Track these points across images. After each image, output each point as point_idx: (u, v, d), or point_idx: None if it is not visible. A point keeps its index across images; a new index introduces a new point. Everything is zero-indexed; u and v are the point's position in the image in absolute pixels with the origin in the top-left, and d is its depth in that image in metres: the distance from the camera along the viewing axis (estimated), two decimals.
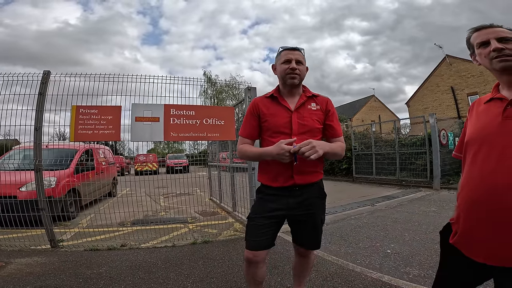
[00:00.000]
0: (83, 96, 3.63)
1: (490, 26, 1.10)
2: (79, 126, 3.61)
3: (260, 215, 1.61)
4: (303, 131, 1.57)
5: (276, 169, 1.57)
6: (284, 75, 1.60)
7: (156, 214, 5.31)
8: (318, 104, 1.65)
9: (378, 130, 11.50)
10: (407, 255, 2.88)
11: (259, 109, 1.65)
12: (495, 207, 0.95)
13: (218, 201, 6.02)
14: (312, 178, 1.61)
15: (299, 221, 1.65)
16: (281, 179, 1.57)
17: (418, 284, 2.18)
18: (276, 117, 1.61)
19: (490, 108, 1.08)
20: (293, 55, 1.60)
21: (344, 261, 2.70)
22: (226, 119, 4.12)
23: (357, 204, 5.76)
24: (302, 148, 1.38)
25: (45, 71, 3.45)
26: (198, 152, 13.23)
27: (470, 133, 1.12)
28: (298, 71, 1.59)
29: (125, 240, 3.54)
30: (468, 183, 1.08)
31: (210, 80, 21.30)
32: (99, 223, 3.91)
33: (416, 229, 3.82)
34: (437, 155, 7.58)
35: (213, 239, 3.57)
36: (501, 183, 0.94)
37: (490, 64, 1.07)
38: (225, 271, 2.54)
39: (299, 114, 1.60)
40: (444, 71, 18.72)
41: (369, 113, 27.63)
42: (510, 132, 0.97)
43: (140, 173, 11.76)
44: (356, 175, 10.04)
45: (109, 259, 2.91)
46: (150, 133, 3.82)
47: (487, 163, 1.00)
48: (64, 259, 2.90)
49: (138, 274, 2.49)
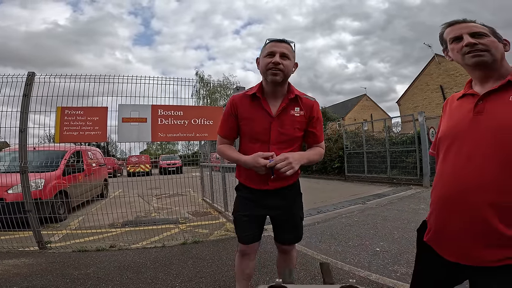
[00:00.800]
0: (71, 98, 3.61)
1: (463, 21, 1.08)
2: (64, 127, 3.57)
3: (242, 213, 1.61)
4: (282, 140, 1.47)
5: (250, 174, 1.54)
6: (266, 70, 1.41)
7: (147, 215, 5.27)
8: (302, 109, 1.50)
9: (370, 129, 11.61)
10: (395, 253, 2.92)
11: (237, 110, 1.53)
12: (465, 206, 0.94)
13: (211, 201, 6.00)
14: (288, 181, 1.56)
15: (279, 220, 1.65)
16: (257, 182, 1.54)
17: (405, 282, 2.21)
18: (254, 123, 1.49)
19: (463, 104, 1.08)
20: (278, 47, 1.40)
21: (333, 260, 2.73)
22: (214, 119, 4.11)
23: (348, 202, 5.81)
24: (278, 164, 1.31)
25: (29, 73, 3.39)
26: (191, 153, 13.17)
27: (443, 130, 1.11)
28: (282, 66, 1.38)
29: (114, 241, 3.50)
30: (440, 179, 1.07)
31: (203, 80, 21.20)
32: (89, 224, 3.87)
33: (405, 227, 3.87)
34: (426, 153, 7.69)
35: (204, 239, 3.56)
36: (471, 182, 0.93)
37: (462, 59, 1.06)
38: (214, 270, 2.54)
39: (280, 121, 1.47)
40: (434, 70, 19.08)
41: (361, 112, 27.90)
42: (480, 128, 0.95)
43: (133, 174, 11.64)
44: (348, 174, 10.13)
45: (97, 260, 2.88)
46: (137, 134, 3.79)
47: (458, 160, 0.99)
48: (51, 260, 2.88)
49: (126, 274, 2.47)
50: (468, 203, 0.93)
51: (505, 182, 0.87)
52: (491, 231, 0.89)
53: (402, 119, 14.30)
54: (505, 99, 0.93)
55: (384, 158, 9.06)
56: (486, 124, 0.94)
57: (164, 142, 19.78)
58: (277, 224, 1.68)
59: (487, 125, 0.94)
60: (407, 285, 2.12)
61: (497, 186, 0.88)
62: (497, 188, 0.88)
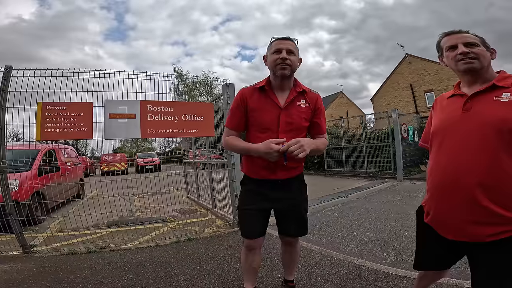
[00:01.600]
0: (48, 93, 3.40)
1: (459, 32, 1.24)
2: (46, 124, 3.37)
3: (248, 206, 1.68)
4: (289, 129, 1.56)
5: (261, 163, 1.58)
6: (274, 65, 1.53)
7: (132, 215, 5.13)
8: (308, 101, 1.62)
9: (346, 125, 12.07)
10: (382, 242, 3.13)
11: (247, 102, 1.60)
12: (458, 188, 1.11)
13: (196, 199, 5.96)
14: (294, 172, 1.66)
15: (284, 212, 1.71)
16: (265, 173, 1.60)
17: (396, 268, 2.38)
18: (263, 113, 1.57)
19: (452, 103, 1.25)
20: (284, 44, 1.53)
21: (327, 250, 2.87)
22: (205, 115, 4.09)
23: (331, 196, 6.05)
24: (291, 147, 1.38)
25: (6, 66, 3.16)
26: (169, 150, 12.86)
27: (436, 125, 1.28)
28: (289, 61, 1.51)
29: (103, 242, 3.39)
30: (436, 167, 1.23)
31: (181, 76, 20.67)
32: (71, 226, 3.70)
33: (386, 217, 4.14)
34: (399, 148, 8.19)
35: (197, 236, 3.56)
36: (463, 167, 1.11)
37: (455, 65, 1.22)
38: (215, 266, 2.57)
39: (288, 111, 1.57)
40: (405, 69, 20.15)
41: (338, 108, 28.80)
42: (468, 122, 1.13)
43: (107, 173, 11.15)
44: (328, 169, 10.50)
45: (90, 262, 2.79)
46: (126, 130, 3.68)
47: (451, 150, 1.16)
48: (41, 265, 2.74)
49: (126, 276, 2.42)
50: (461, 185, 1.11)
51: (490, 165, 1.05)
52: (481, 208, 1.07)
53: (376, 115, 15.00)
54: (489, 99, 1.11)
55: (361, 153, 9.50)
56: (474, 119, 1.12)
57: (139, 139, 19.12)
58: (282, 216, 1.74)
59: (475, 120, 1.12)
60: (400, 270, 2.32)
61: (484, 168, 1.06)
62: (484, 171, 1.06)
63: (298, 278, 2.24)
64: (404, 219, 3.92)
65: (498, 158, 1.04)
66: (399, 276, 2.20)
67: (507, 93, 1.08)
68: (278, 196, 1.64)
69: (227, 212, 4.26)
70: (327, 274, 2.31)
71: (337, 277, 2.26)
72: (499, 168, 1.04)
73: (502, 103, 1.07)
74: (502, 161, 1.04)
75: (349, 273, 2.30)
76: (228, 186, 4.12)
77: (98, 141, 3.65)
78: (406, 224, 3.67)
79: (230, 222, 4.00)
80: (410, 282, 2.08)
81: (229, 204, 4.14)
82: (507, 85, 1.10)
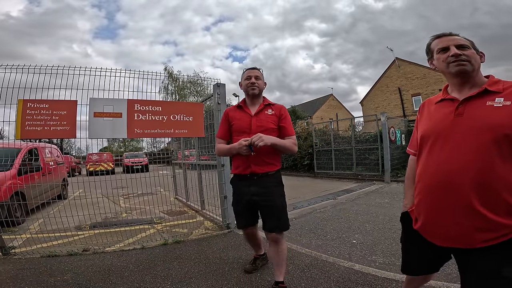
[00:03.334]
0: (30, 90, 3.27)
1: (450, 34, 1.24)
2: (27, 122, 3.23)
3: (235, 200, 2.16)
4: (260, 130, 1.96)
5: (239, 160, 2.04)
6: (246, 88, 2.10)
7: (117, 216, 4.98)
8: (273, 110, 2.09)
9: (335, 128, 12.19)
10: (370, 244, 3.14)
11: (229, 116, 2.16)
12: (451, 188, 1.10)
13: (185, 200, 5.86)
14: (268, 168, 2.01)
15: (262, 206, 2.01)
16: (241, 167, 2.03)
17: (385, 271, 2.39)
18: (240, 121, 2.08)
19: (442, 107, 1.23)
20: (253, 73, 2.12)
21: (317, 253, 2.85)
22: (194, 115, 4.00)
23: (320, 198, 6.07)
24: (253, 139, 1.84)
25: None
26: (158, 150, 12.63)
27: (425, 129, 1.26)
28: (257, 84, 2.08)
29: (86, 244, 3.26)
30: (425, 172, 1.21)
31: (172, 75, 20.35)
32: (51, 228, 3.54)
33: (375, 220, 4.17)
34: (387, 150, 8.31)
35: (185, 238, 3.48)
36: (455, 168, 1.10)
37: (446, 67, 1.20)
38: (203, 270, 2.50)
39: (258, 117, 2.05)
40: (393, 73, 20.55)
41: (328, 111, 29.12)
42: (461, 127, 1.12)
43: (93, 173, 10.83)
44: (317, 171, 10.55)
45: (72, 265, 2.67)
46: (111, 130, 3.56)
47: (443, 154, 1.14)
48: (20, 267, 2.62)
49: (110, 279, 2.33)
50: (453, 188, 1.09)
51: (484, 169, 1.05)
52: (474, 212, 1.06)
53: (365, 118, 15.25)
54: (482, 104, 1.11)
55: (350, 156, 9.59)
56: (467, 124, 1.11)
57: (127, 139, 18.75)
58: (262, 212, 2.06)
59: (468, 125, 1.10)
60: (389, 273, 2.32)
61: (478, 172, 1.05)
62: (478, 174, 1.05)
63: (289, 281, 2.22)
64: (392, 221, 3.96)
65: (492, 162, 1.03)
66: (387, 279, 2.20)
67: (500, 98, 1.08)
68: (255, 191, 2.00)
69: (216, 214, 4.19)
70: (317, 278, 2.28)
71: (327, 280, 2.24)
72: (493, 171, 1.04)
73: (496, 108, 1.07)
74: (496, 164, 1.03)
75: (339, 276, 2.29)
76: (218, 187, 4.05)
77: (83, 140, 3.50)
78: (394, 226, 3.70)
79: (219, 224, 3.94)
80: (398, 285, 2.09)
81: (218, 206, 4.08)
82: (499, 90, 1.10)
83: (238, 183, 2.10)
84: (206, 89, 20.69)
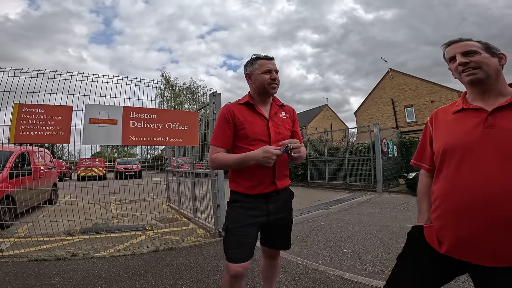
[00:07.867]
0: (27, 94, 3.29)
1: (459, 41, 1.14)
2: (21, 126, 3.24)
3: (241, 224, 1.55)
4: (279, 139, 1.56)
5: (257, 175, 1.55)
6: (266, 85, 1.58)
7: (108, 222, 4.93)
8: (286, 113, 1.72)
9: (330, 138, 12.34)
10: (361, 253, 3.18)
11: (235, 117, 1.57)
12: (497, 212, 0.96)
13: (177, 207, 5.84)
14: (286, 181, 1.68)
15: (276, 225, 1.65)
16: (262, 186, 1.56)
17: (374, 279, 2.43)
18: (253, 125, 1.58)
19: (465, 117, 1.10)
20: (273, 65, 1.61)
21: (308, 262, 2.87)
22: (189, 124, 4.05)
23: (313, 208, 6.11)
24: (292, 145, 1.44)
25: None
26: (151, 157, 12.56)
27: (447, 143, 1.11)
28: (277, 80, 1.61)
29: (75, 249, 3.23)
30: (455, 191, 1.06)
31: (168, 82, 20.45)
32: (40, 232, 3.51)
33: (366, 229, 4.22)
34: (379, 161, 8.44)
35: (176, 246, 3.47)
36: (496, 188, 0.96)
37: (460, 77, 1.11)
38: (195, 277, 2.50)
39: (274, 122, 1.62)
40: (387, 84, 20.78)
41: (322, 121, 29.40)
42: (494, 140, 1.00)
43: (83, 178, 10.65)
44: (311, 181, 10.61)
45: (60, 269, 2.65)
46: (106, 136, 3.59)
47: (477, 171, 1.00)
48: (7, 270, 2.59)
49: (99, 284, 2.32)
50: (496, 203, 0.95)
51: None
52: None
53: (358, 129, 15.46)
54: None
55: (343, 166, 9.70)
56: (501, 137, 0.99)
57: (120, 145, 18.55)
58: (270, 229, 1.67)
59: (502, 138, 0.99)
60: (378, 281, 2.36)
61: None
62: None
63: None
64: (383, 231, 4.02)
65: None
66: (376, 287, 2.24)
67: None
68: (274, 207, 1.60)
69: (209, 222, 4.19)
70: (307, 286, 2.31)
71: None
72: None
73: None
74: None
75: (329, 285, 2.32)
76: (211, 195, 4.07)
77: (75, 145, 3.50)
78: (384, 235, 3.75)
79: (211, 232, 3.94)
80: None
81: (211, 214, 4.08)
82: None
83: (250, 203, 1.57)
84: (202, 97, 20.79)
